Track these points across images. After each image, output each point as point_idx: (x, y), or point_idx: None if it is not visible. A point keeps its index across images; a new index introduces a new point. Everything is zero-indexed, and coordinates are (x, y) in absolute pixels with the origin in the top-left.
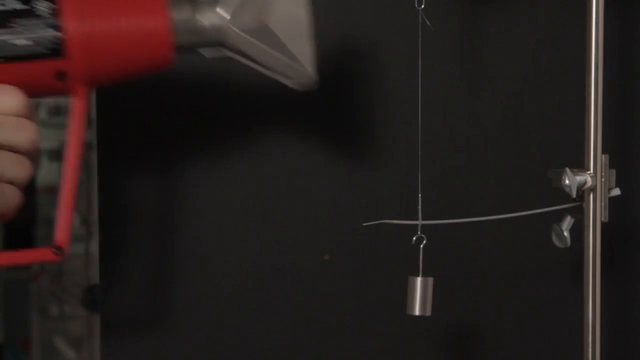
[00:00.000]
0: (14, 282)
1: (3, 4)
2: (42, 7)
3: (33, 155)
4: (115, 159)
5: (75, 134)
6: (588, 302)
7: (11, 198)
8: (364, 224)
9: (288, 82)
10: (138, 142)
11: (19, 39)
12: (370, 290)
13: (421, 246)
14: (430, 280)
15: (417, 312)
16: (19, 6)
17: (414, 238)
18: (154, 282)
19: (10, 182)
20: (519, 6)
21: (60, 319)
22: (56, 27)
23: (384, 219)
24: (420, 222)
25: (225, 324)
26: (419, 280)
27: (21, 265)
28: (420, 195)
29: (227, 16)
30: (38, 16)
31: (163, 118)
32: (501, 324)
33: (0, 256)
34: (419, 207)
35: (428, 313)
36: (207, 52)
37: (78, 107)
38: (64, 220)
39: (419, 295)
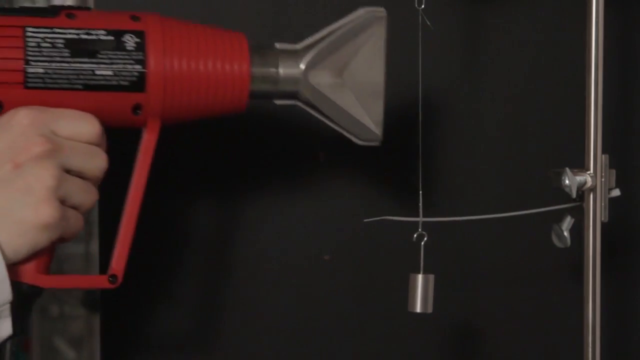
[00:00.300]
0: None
1: (94, 34)
2: (129, 41)
3: (98, 183)
4: (114, 159)
5: (143, 167)
6: (588, 302)
7: (74, 223)
8: (365, 220)
9: (351, 137)
10: (136, 142)
11: (103, 69)
12: (370, 291)
13: (422, 243)
14: (432, 277)
15: (418, 310)
16: (107, 37)
17: (415, 235)
18: (154, 281)
19: (75, 208)
20: (519, 6)
21: (60, 319)
22: (140, 62)
23: (384, 223)
24: (421, 219)
25: (225, 323)
26: (420, 277)
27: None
28: (421, 192)
29: (305, 69)
30: (124, 49)
31: None
32: (501, 323)
33: (55, 279)
34: (420, 204)
35: (429, 310)
36: (278, 100)
37: (149, 141)
38: (121, 250)
39: (420, 293)
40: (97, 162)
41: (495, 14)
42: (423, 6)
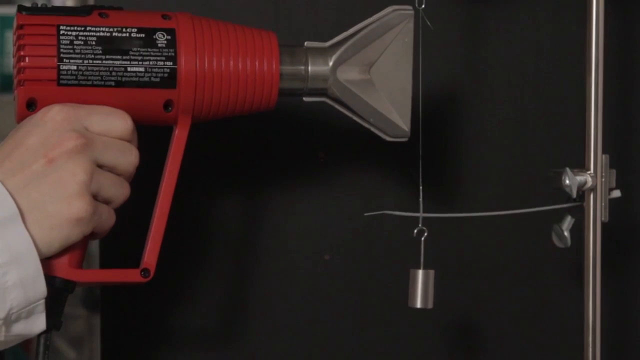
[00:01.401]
0: None
1: (125, 32)
2: (161, 38)
3: (130, 178)
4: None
5: (174, 162)
6: (588, 302)
7: (107, 218)
8: (366, 214)
9: (380, 134)
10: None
11: (135, 66)
12: (370, 291)
13: (422, 239)
14: (432, 272)
15: (418, 305)
16: (139, 35)
17: (415, 231)
18: (154, 281)
19: (107, 202)
20: (519, 6)
21: None
22: (171, 59)
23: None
24: (421, 214)
25: (225, 323)
26: (420, 272)
27: (107, 285)
28: (421, 187)
29: (334, 66)
30: (156, 46)
31: None
32: (501, 323)
33: (88, 274)
34: (420, 199)
35: (430, 306)
36: (306, 97)
37: (180, 138)
38: (153, 245)
39: (421, 288)
40: (128, 157)
41: (495, 14)
42: (423, 6)
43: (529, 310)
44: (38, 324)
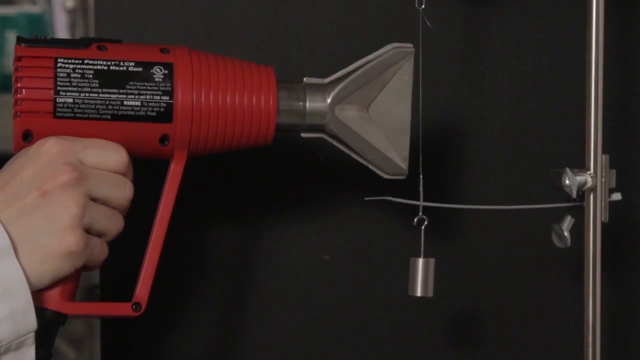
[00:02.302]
0: None
1: (123, 66)
2: (158, 73)
3: (124, 212)
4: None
5: (169, 197)
6: (588, 302)
7: (99, 251)
8: (366, 199)
9: (377, 171)
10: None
11: (132, 100)
12: (370, 291)
13: (422, 227)
14: (432, 261)
15: (419, 294)
16: (136, 69)
17: (416, 219)
18: (154, 281)
19: (100, 235)
20: (519, 6)
21: None
22: (167, 93)
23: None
24: (421, 203)
25: (225, 323)
26: (420, 261)
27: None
28: (421, 176)
29: (332, 103)
30: (153, 80)
31: None
32: (501, 324)
33: (80, 306)
34: (420, 187)
35: (430, 294)
36: (304, 133)
37: (176, 172)
38: (146, 278)
39: (421, 277)
40: (123, 191)
41: (495, 14)
42: (423, 6)
43: (529, 310)
44: (27, 356)
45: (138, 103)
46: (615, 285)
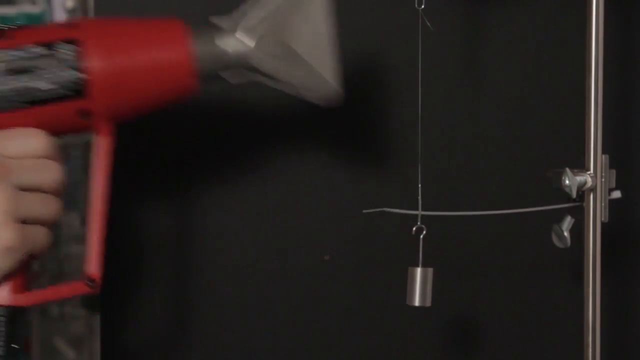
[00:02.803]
0: None
1: (25, 51)
2: (64, 50)
3: (59, 194)
4: (114, 160)
5: (101, 171)
6: (588, 302)
7: (41, 239)
8: (364, 211)
9: (313, 99)
10: (137, 143)
11: (42, 82)
12: (370, 291)
13: (421, 237)
14: (430, 270)
15: (417, 303)
16: (41, 51)
17: (414, 228)
18: (154, 281)
19: (39, 223)
20: (519, 6)
21: (60, 319)
22: (78, 69)
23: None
24: (420, 212)
25: (225, 323)
26: (418, 270)
27: (54, 301)
28: (420, 185)
29: (250, 42)
30: (60, 59)
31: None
32: (501, 324)
33: (34, 296)
34: (419, 197)
35: (428, 303)
36: (230, 78)
37: (104, 145)
38: (94, 252)
39: (419, 286)
40: (51, 174)
41: (495, 14)
42: (423, 6)
43: (529, 310)
44: None
45: (49, 84)
46: (615, 285)
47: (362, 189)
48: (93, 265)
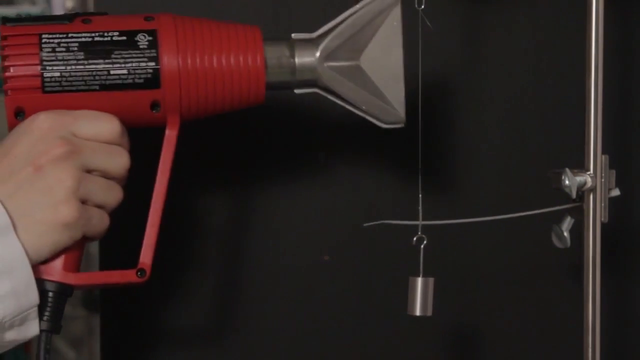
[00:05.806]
0: None
1: (107, 36)
2: (142, 40)
3: (123, 182)
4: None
5: (166, 162)
6: (588, 302)
7: (98, 222)
8: (365, 225)
9: (375, 121)
10: (138, 144)
11: (118, 69)
12: (370, 291)
13: (422, 246)
14: (431, 280)
15: (417, 313)
16: (120, 38)
17: (415, 238)
18: (153, 282)
19: (100, 206)
20: (519, 6)
21: None
22: (154, 59)
23: (384, 219)
24: (420, 222)
25: (225, 323)
26: (419, 280)
27: (102, 287)
28: (420, 195)
29: (321, 56)
30: (138, 48)
31: None
32: (501, 324)
33: (84, 276)
34: (420, 207)
35: (429, 313)
36: (297, 89)
37: (171, 137)
38: (148, 245)
39: (420, 296)
40: (118, 161)
41: (495, 14)
42: (423, 6)
43: (529, 311)
44: (31, 330)
45: (125, 71)
46: (615, 285)
47: (362, 189)
48: (147, 256)
